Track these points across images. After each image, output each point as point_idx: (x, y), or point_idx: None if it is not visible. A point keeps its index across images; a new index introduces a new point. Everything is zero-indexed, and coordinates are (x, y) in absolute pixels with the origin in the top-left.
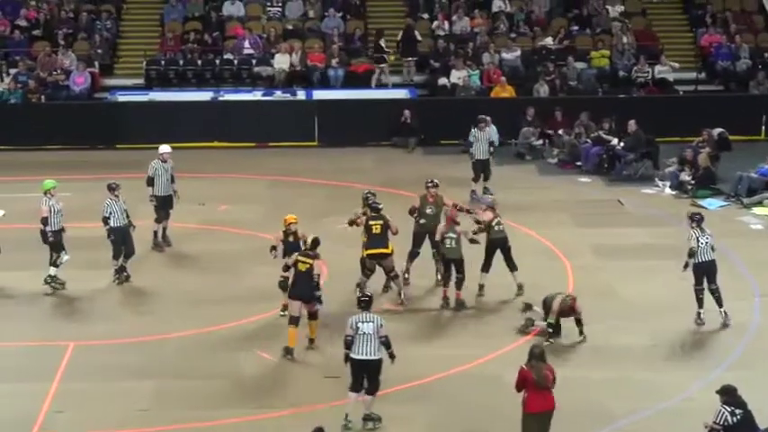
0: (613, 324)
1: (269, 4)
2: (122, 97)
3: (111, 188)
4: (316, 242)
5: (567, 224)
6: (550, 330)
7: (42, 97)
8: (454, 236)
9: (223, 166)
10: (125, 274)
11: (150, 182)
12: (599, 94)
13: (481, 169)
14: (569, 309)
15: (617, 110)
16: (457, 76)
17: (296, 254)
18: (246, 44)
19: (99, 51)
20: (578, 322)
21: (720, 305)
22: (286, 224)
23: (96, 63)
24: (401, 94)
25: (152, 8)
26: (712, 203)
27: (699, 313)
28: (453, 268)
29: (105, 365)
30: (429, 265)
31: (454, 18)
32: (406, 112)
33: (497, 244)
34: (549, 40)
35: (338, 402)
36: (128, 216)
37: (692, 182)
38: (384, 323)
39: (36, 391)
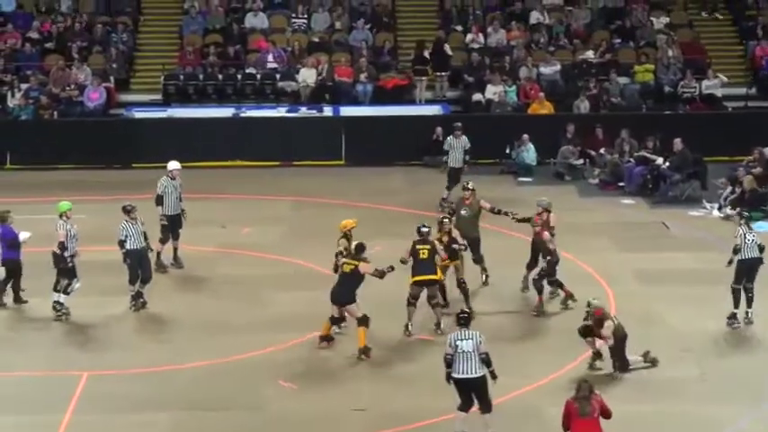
0: (659, 354)
1: (294, 15)
2: (139, 114)
3: (127, 211)
4: (360, 247)
5: (609, 248)
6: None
7: (55, 114)
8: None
9: (245, 187)
10: (141, 300)
11: (159, 201)
12: (643, 110)
13: (455, 178)
14: (598, 322)
15: (662, 127)
16: (492, 91)
17: (343, 259)
18: (270, 58)
19: (115, 65)
20: (597, 355)
21: (750, 306)
22: (347, 229)
23: (112, 78)
24: (433, 110)
25: (170, 20)
26: (762, 226)
27: (734, 314)
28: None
29: (120, 396)
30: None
31: (489, 30)
32: (438, 130)
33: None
34: (590, 54)
35: None
36: (146, 238)
37: (733, 209)
38: (483, 340)
39: (48, 423)
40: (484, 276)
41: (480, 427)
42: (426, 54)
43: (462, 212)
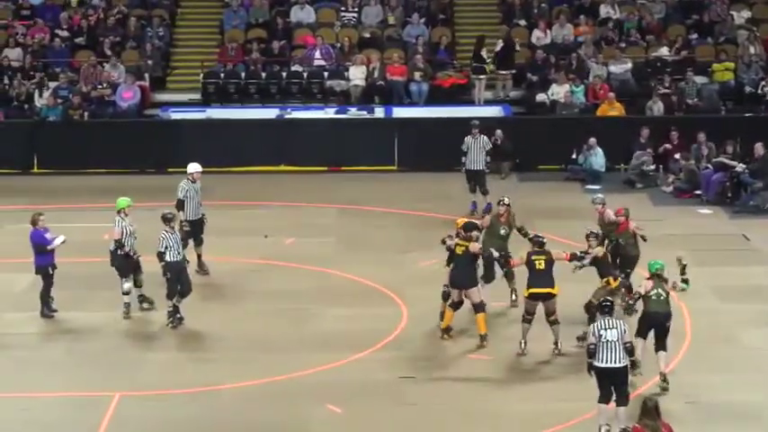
0: (736, 378)
1: (343, 9)
2: (176, 114)
3: (167, 219)
4: (468, 226)
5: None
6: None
7: (85, 114)
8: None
9: (289, 194)
10: (178, 315)
11: (181, 205)
12: (722, 112)
13: (474, 181)
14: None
15: (742, 131)
16: (558, 91)
17: (455, 239)
18: (317, 54)
19: (150, 62)
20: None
21: None
22: (461, 227)
23: (147, 75)
24: (494, 111)
25: (210, 14)
26: None
27: None
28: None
29: (154, 420)
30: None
31: (555, 25)
32: (498, 133)
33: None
34: (664, 51)
35: None
36: (184, 248)
37: None
38: (628, 329)
39: None
40: (514, 296)
41: (616, 422)
42: (484, 53)
43: (501, 232)
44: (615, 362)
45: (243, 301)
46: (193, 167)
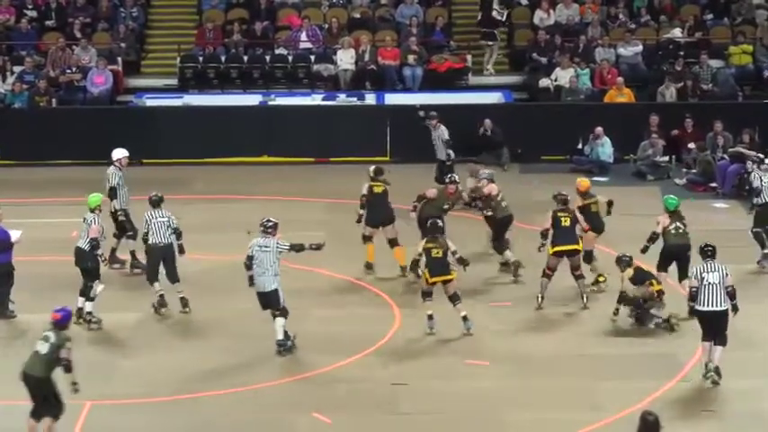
0: (759, 384)
1: None
2: (151, 101)
3: (155, 202)
4: (379, 170)
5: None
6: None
7: (53, 101)
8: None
9: (274, 186)
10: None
11: (113, 193)
12: (739, 98)
13: (440, 170)
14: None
15: (761, 118)
16: (562, 75)
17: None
18: (303, 36)
19: (123, 45)
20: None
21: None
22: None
23: (120, 59)
24: (493, 98)
25: None
26: None
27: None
28: None
29: (128, 429)
30: None
31: (560, 5)
32: (487, 123)
33: (507, 221)
34: (676, 32)
35: None
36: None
37: None
38: (730, 272)
39: None
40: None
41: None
42: (495, 14)
43: (444, 206)
44: (717, 305)
45: (222, 301)
46: (120, 153)
